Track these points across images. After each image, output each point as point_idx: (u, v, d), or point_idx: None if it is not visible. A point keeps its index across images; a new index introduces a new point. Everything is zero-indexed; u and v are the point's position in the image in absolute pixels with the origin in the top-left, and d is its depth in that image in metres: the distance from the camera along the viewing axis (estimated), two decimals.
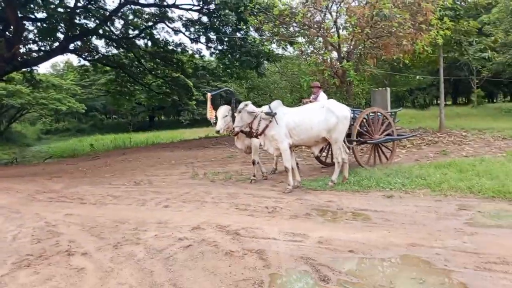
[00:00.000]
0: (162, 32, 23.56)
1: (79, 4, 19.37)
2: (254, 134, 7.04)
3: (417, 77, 23.00)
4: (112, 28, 22.26)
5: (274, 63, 21.91)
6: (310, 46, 14.99)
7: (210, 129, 29.45)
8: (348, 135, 7.73)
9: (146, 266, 3.89)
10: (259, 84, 25.50)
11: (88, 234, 5.08)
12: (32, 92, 31.76)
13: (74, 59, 49.90)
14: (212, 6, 19.13)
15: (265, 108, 7.09)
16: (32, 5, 18.23)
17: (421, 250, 3.90)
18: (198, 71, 24.61)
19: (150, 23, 22.50)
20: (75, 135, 40.73)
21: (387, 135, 8.56)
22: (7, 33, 17.39)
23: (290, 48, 18.36)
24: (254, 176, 8.09)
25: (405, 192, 6.31)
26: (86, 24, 20.74)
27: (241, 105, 6.92)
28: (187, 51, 23.62)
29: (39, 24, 20.16)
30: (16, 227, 5.67)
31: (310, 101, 8.45)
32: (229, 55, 21.10)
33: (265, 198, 6.47)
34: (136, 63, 24.23)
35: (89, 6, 19.73)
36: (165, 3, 21.03)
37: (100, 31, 20.82)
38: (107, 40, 22.10)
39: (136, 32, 22.55)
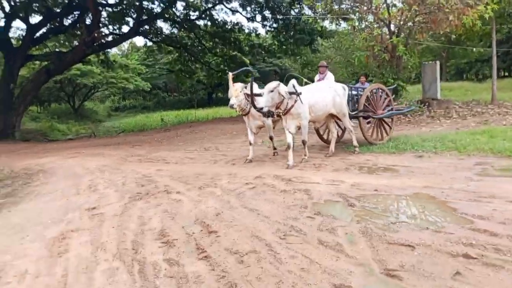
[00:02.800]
0: (220, 12, 25.08)
1: None
2: (281, 113, 7.24)
3: (474, 49, 22.83)
4: (175, 10, 24.05)
5: (328, 39, 22.69)
6: (361, 23, 15.75)
7: None
8: (353, 111, 8.46)
9: (224, 198, 5.40)
10: (313, 60, 26.37)
11: (177, 181, 6.71)
12: (102, 72, 34.71)
13: (138, 40, 52.79)
14: None
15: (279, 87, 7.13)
16: None
17: (431, 190, 5.08)
18: (254, 49, 25.95)
19: (209, 5, 24.01)
20: (141, 112, 43.73)
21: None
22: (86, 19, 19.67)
23: (344, 24, 19.19)
24: (275, 148, 8.66)
25: (435, 153, 7.39)
26: (152, 8, 22.67)
27: (272, 85, 6.92)
28: (244, 30, 24.97)
29: (110, 9, 22.38)
30: (121, 178, 7.45)
31: (319, 80, 9.03)
32: (284, 33, 22.20)
33: (313, 158, 7.79)
34: (197, 43, 25.98)
35: None
36: None
37: (165, 15, 22.58)
38: (171, 23, 23.88)
39: (197, 13, 24.18)
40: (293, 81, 7.19)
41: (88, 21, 20.18)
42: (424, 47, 20.56)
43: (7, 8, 20.01)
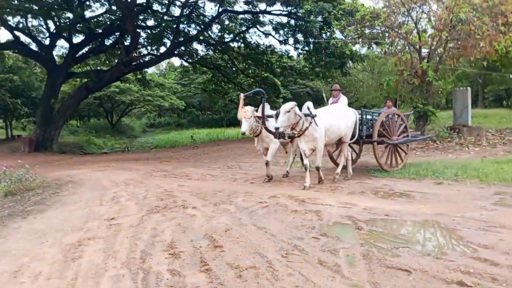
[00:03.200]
0: (254, 35, 25.68)
1: (183, 13, 22.11)
2: (296, 134, 7.23)
3: (510, 75, 22.24)
4: (210, 33, 24.85)
5: (358, 63, 22.75)
6: (391, 47, 15.78)
7: None
8: (368, 136, 8.42)
9: (236, 215, 5.56)
10: (344, 83, 26.43)
11: (195, 197, 6.93)
12: (139, 90, 36.01)
13: (175, 60, 54.46)
14: (300, 12, 20.60)
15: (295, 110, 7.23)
16: (145, 15, 21.35)
17: (442, 217, 5.05)
18: (285, 71, 26.32)
19: (243, 28, 24.66)
20: (175, 129, 44.84)
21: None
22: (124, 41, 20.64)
23: (375, 47, 19.26)
24: (267, 176, 8.18)
25: (455, 180, 7.30)
26: (189, 31, 23.54)
27: (288, 105, 6.91)
28: (276, 52, 25.41)
29: (149, 31, 23.39)
30: (144, 191, 7.75)
31: (333, 103, 8.79)
32: (315, 56, 22.46)
33: (330, 180, 7.85)
34: (230, 64, 26.63)
35: (192, 14, 22.36)
36: (257, 9, 22.99)
37: (200, 37, 23.36)
38: (206, 45, 24.65)
39: (231, 36, 24.87)
40: (308, 104, 7.21)
41: (127, 42, 21.16)
42: (460, 72, 20.23)
43: (52, 28, 21.31)
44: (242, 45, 25.38)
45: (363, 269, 3.59)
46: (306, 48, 23.81)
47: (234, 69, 27.25)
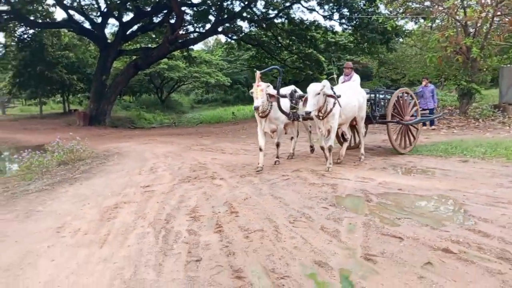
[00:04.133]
0: (297, 11, 25.49)
1: None
2: (321, 116, 6.80)
3: None
4: (254, 9, 24.96)
5: (403, 38, 22.10)
6: (434, 23, 15.32)
7: None
8: (381, 116, 8.11)
9: (257, 186, 5.99)
10: (391, 59, 25.78)
11: (225, 170, 7.42)
12: (187, 66, 36.90)
13: (222, 37, 54.95)
14: None
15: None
16: None
17: (454, 193, 5.21)
18: (330, 47, 26.04)
19: (287, 3, 24.54)
20: (221, 105, 45.64)
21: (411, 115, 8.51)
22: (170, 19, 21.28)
23: (422, 22, 18.64)
24: (277, 157, 7.84)
25: (482, 158, 7.30)
26: (233, 7, 23.79)
27: (318, 87, 6.48)
28: (321, 28, 25.16)
29: (195, 9, 23.90)
30: (180, 163, 8.36)
31: (344, 82, 8.31)
32: (359, 32, 22.06)
33: (354, 156, 8.07)
34: (274, 40, 26.69)
35: None
36: None
37: (244, 14, 23.56)
38: (249, 21, 24.84)
39: (275, 12, 24.86)
40: (327, 83, 6.70)
41: (173, 21, 21.80)
42: (508, 48, 19.25)
43: (103, 7, 22.34)
44: (286, 21, 25.32)
45: (360, 235, 3.92)
46: (352, 23, 23.41)
47: (277, 45, 27.28)
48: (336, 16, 23.65)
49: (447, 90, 22.22)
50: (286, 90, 7.63)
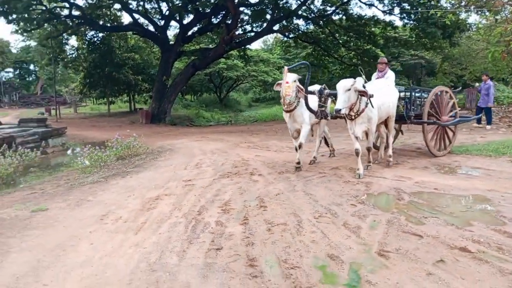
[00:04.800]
0: (355, 7, 25.02)
1: None
2: (353, 116, 6.33)
3: None
4: (312, 6, 24.89)
5: (467, 32, 20.99)
6: (497, 16, 14.50)
7: None
8: (417, 116, 7.57)
9: (292, 183, 6.14)
10: (455, 54, 24.56)
11: (265, 166, 7.63)
12: (245, 66, 37.56)
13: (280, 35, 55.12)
14: None
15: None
16: None
17: (491, 193, 5.04)
18: (389, 42, 25.34)
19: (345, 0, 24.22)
20: (278, 103, 45.92)
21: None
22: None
23: (488, 14, 17.61)
24: (298, 163, 7.06)
25: None
26: (289, 5, 23.88)
27: (348, 82, 6.03)
28: (380, 23, 24.55)
29: (252, 8, 24.30)
30: (224, 159, 8.69)
31: (377, 79, 7.83)
32: (420, 26, 21.25)
33: (401, 156, 7.93)
34: (331, 37, 26.44)
35: None
36: None
37: (299, 12, 23.57)
38: (305, 19, 24.82)
39: (332, 8, 24.61)
40: (361, 80, 6.24)
41: (229, 21, 22.34)
42: None
43: (165, 10, 23.41)
44: (344, 17, 24.99)
45: (380, 232, 3.96)
46: (413, 18, 22.60)
47: (335, 42, 26.99)
48: (396, 10, 22.98)
49: None
50: (315, 87, 7.16)
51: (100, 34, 28.36)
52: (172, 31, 28.79)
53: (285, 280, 3.06)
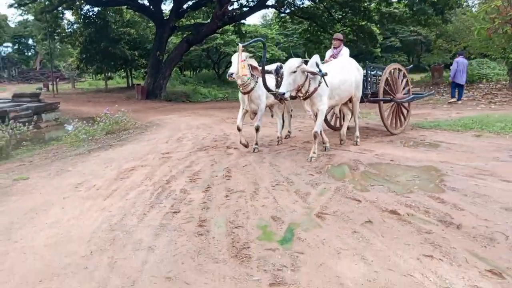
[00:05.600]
0: None
1: None
2: (302, 97, 6.01)
3: None
4: None
5: (457, 9, 20.95)
6: None
7: None
8: (373, 94, 7.57)
9: (262, 155, 6.50)
10: (448, 31, 24.52)
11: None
12: (241, 41, 37.51)
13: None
14: None
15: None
16: None
17: (443, 165, 5.39)
18: (383, 18, 25.30)
19: None
20: None
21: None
22: None
23: None
24: (256, 144, 6.94)
25: (497, 133, 7.24)
26: None
27: (294, 63, 5.58)
28: None
29: None
30: (206, 134, 9.05)
31: (333, 56, 7.54)
32: (415, 3, 21.23)
33: (371, 130, 8.27)
34: (326, 13, 26.38)
35: None
36: None
37: None
38: None
39: None
40: (316, 58, 5.89)
41: None
42: None
43: None
44: None
45: (325, 197, 4.35)
46: None
47: (330, 18, 26.94)
48: None
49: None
50: (271, 66, 6.75)
51: (96, 9, 28.36)
52: (168, 6, 28.73)
53: (226, 237, 3.45)
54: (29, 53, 60.44)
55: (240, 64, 6.07)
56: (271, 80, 6.48)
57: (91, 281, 2.82)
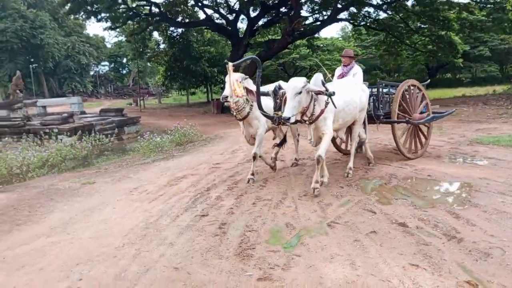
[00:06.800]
0: None
1: None
2: (307, 121, 5.17)
3: None
4: None
5: None
6: None
7: (470, 89, 28.33)
8: (386, 115, 6.87)
9: (303, 168, 6.80)
10: None
11: (293, 154, 8.32)
12: (319, 55, 37.76)
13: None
14: None
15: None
16: None
17: (481, 181, 5.28)
18: (464, 27, 24.08)
19: None
20: None
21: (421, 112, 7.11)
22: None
23: None
24: (252, 175, 6.05)
25: None
26: None
27: (298, 83, 4.82)
28: (454, 7, 23.41)
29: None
30: None
31: (342, 76, 6.74)
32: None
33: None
34: (403, 24, 25.76)
35: None
36: None
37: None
38: (373, 5, 24.50)
39: None
40: (319, 76, 5.19)
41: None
42: None
43: (233, 5, 24.67)
44: (416, 2, 24.21)
45: (344, 209, 4.58)
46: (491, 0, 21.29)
47: (407, 29, 26.24)
48: None
49: None
50: (269, 87, 5.88)
51: (180, 30, 30.60)
52: (244, 24, 30.05)
53: (237, 239, 3.86)
54: (124, 71, 66.12)
55: (235, 83, 5.42)
56: (269, 102, 5.65)
57: (116, 267, 3.39)
